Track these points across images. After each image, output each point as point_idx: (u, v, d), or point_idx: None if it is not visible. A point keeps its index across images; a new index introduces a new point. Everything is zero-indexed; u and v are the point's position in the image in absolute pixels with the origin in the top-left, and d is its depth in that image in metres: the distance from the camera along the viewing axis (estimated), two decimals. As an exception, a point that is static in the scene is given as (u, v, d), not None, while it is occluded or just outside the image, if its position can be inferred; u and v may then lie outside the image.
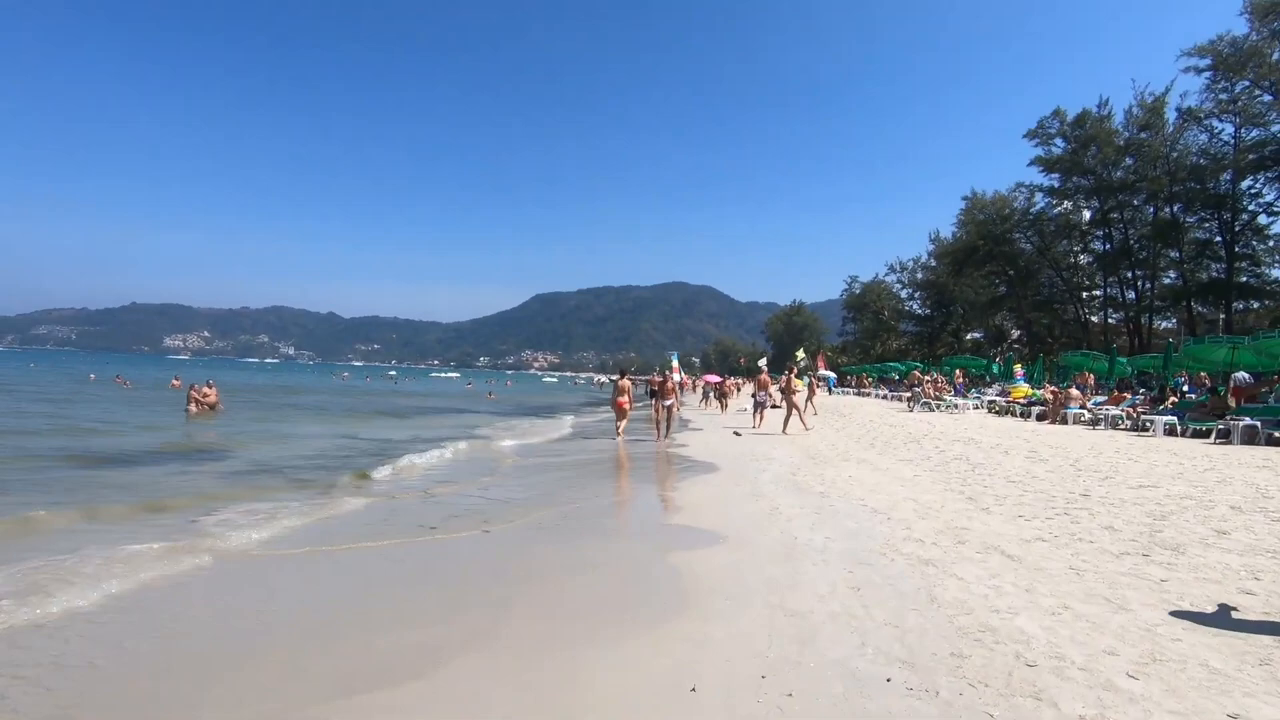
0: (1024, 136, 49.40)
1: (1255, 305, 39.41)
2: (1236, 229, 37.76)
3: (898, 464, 10.60)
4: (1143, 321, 45.99)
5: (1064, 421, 18.66)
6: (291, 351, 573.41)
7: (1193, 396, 17.34)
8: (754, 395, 20.67)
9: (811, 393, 33.29)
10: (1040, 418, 20.08)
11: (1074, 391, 19.73)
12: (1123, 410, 18.03)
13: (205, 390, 21.81)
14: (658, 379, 16.96)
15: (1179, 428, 15.12)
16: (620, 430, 15.68)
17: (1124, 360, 23.45)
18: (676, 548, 5.78)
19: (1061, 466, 9.95)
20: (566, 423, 23.44)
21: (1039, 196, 51.46)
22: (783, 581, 4.65)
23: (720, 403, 28.09)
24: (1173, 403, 17.13)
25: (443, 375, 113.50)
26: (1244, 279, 38.09)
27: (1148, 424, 16.06)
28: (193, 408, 21.37)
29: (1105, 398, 20.73)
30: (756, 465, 10.89)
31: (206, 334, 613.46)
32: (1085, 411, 18.88)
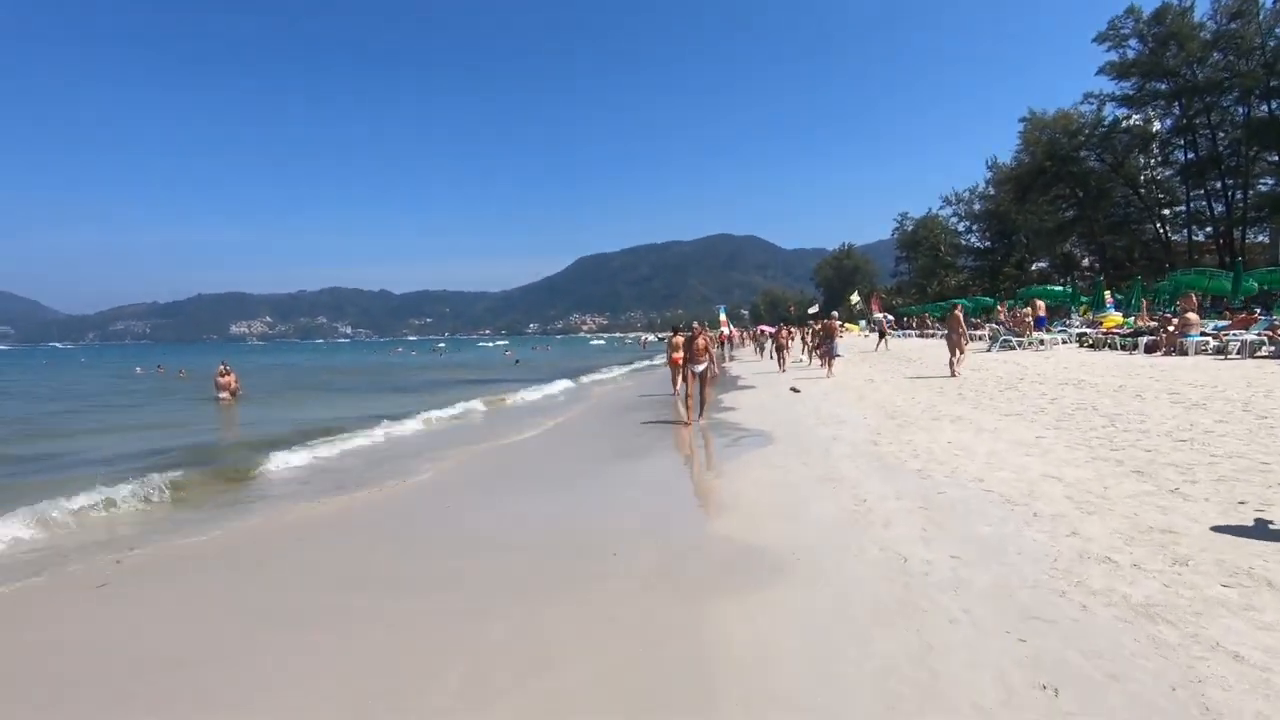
0: (1093, 40, 44.65)
1: (1369, 211, 34.74)
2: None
3: (1006, 421, 8.35)
4: (1235, 235, 41.48)
5: (1182, 352, 15.81)
6: (349, 330, 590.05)
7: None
8: (817, 346, 18.45)
9: (882, 333, 30.89)
10: (1150, 349, 17.21)
11: (1192, 316, 16.74)
12: (1258, 334, 15.09)
13: (223, 378, 20.78)
14: (685, 335, 11.66)
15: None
16: (677, 387, 13.57)
17: (1254, 275, 20.00)
18: (713, 588, 3.81)
19: (1232, 413, 7.56)
20: (585, 389, 21.01)
21: (1109, 107, 46.58)
22: (908, 672, 2.67)
23: (778, 357, 22.44)
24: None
25: (489, 345, 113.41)
26: (1357, 181, 33.44)
27: (1298, 349, 13.25)
28: (225, 395, 20.46)
29: (1227, 321, 17.66)
30: (825, 432, 8.78)
31: (269, 319, 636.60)
32: (1209, 339, 15.96)
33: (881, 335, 30.36)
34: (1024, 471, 5.72)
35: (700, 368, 11.22)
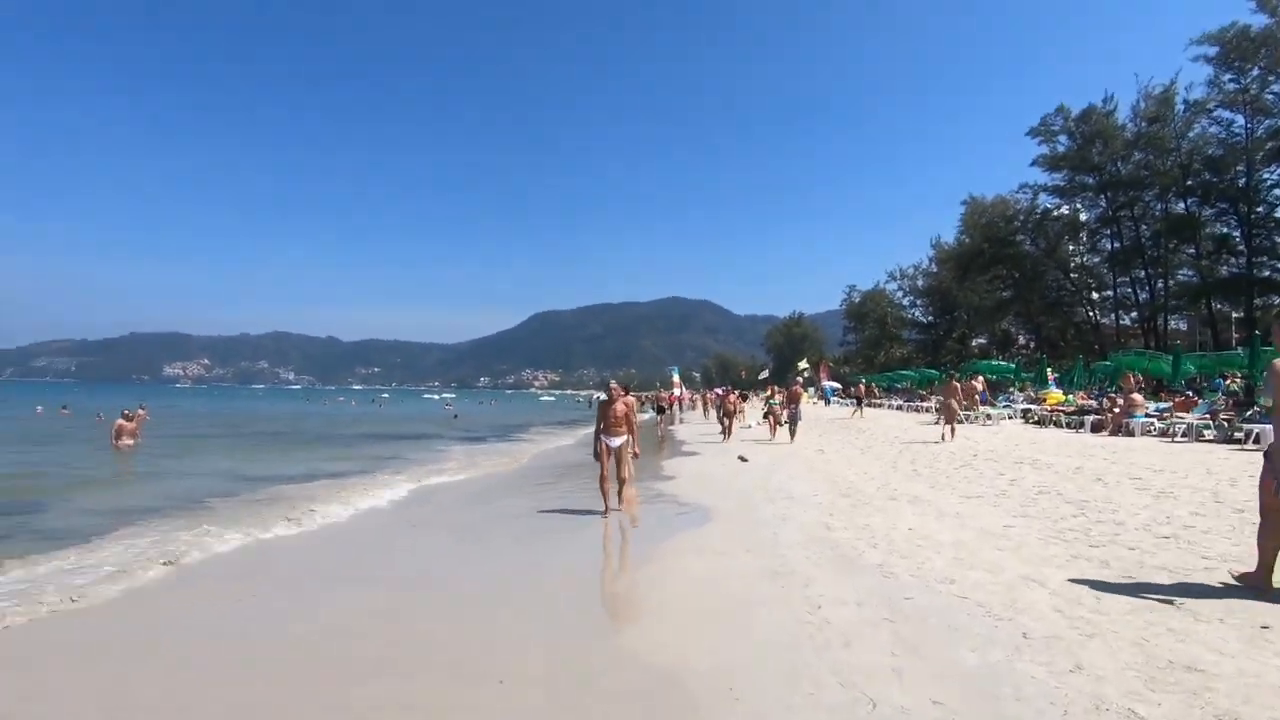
0: (1026, 134, 47.73)
1: (1278, 300, 36.84)
2: (1255, 222, 35.46)
3: (967, 503, 7.64)
4: (1158, 322, 43.64)
5: (1128, 433, 15.70)
6: (291, 376, 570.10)
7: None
8: (786, 408, 17.97)
9: (859, 400, 30.45)
10: (1095, 428, 17.13)
11: (1137, 396, 16.76)
12: (1198, 417, 15.07)
13: (121, 421, 18.79)
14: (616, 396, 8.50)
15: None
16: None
17: (1190, 359, 20.39)
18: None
19: (1205, 504, 7.02)
20: (515, 449, 19.89)
21: (1043, 196, 49.40)
22: None
23: (724, 424, 20.50)
24: (1265, 407, 14.17)
25: (433, 397, 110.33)
26: (1265, 273, 35.70)
27: (1240, 434, 13.14)
28: (126, 440, 18.47)
29: (1168, 404, 17.78)
30: (773, 510, 7.91)
31: (206, 361, 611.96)
32: (1153, 420, 15.93)
33: (859, 402, 30.25)
34: (999, 571, 4.92)
35: (616, 442, 8.21)
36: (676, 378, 39.16)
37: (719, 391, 33.73)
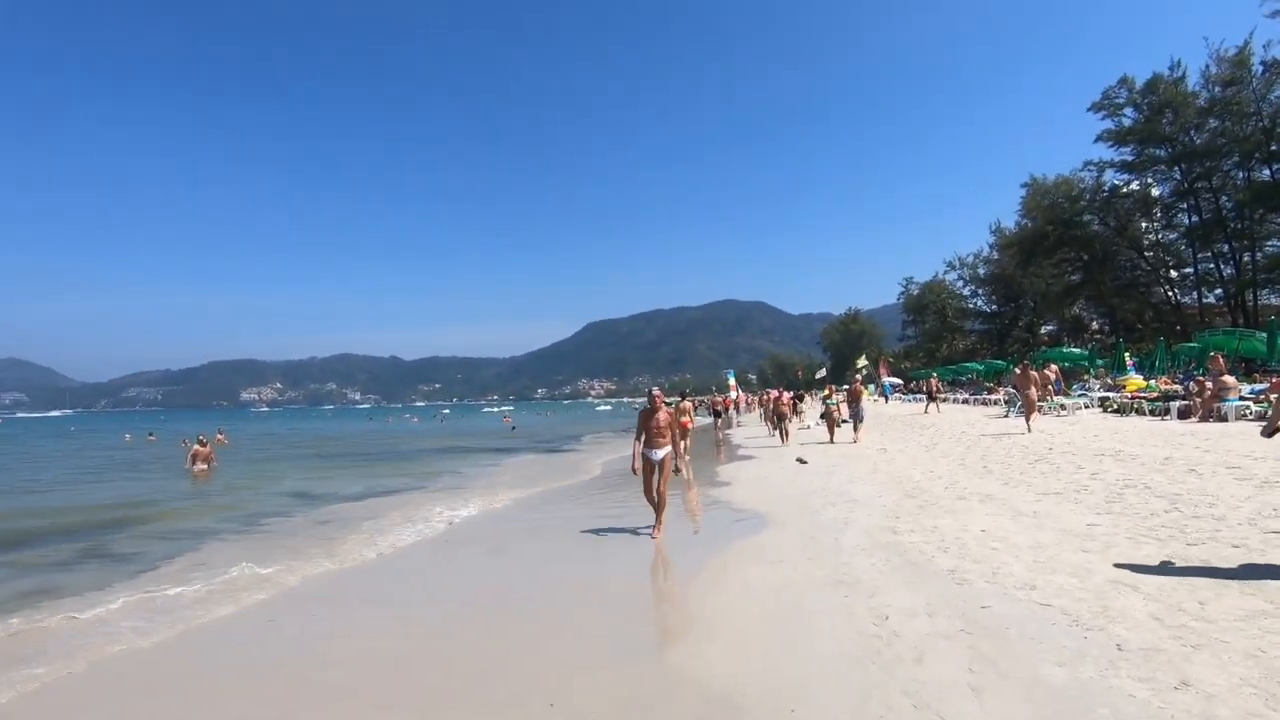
0: (1088, 110, 45.04)
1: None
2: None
3: (1045, 502, 7.15)
4: (1246, 298, 40.65)
5: (1221, 418, 14.58)
6: (358, 396, 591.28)
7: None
8: (846, 406, 17.57)
9: (931, 395, 29.05)
10: (1183, 415, 15.99)
11: (1229, 378, 15.56)
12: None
13: (197, 447, 19.70)
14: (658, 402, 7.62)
15: None
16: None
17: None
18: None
19: (1318, 494, 6.37)
20: (566, 460, 20.19)
21: (1110, 173, 46.61)
22: None
23: (778, 428, 18.80)
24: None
25: (492, 410, 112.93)
26: (1366, 241, 32.89)
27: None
28: (201, 465, 19.34)
29: (1263, 385, 16.46)
30: (834, 514, 7.59)
31: (279, 385, 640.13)
32: (1249, 403, 14.75)
33: (931, 398, 29.07)
34: (1086, 575, 4.53)
35: (659, 455, 7.40)
36: (732, 381, 38.79)
37: (772, 394, 33.00)
